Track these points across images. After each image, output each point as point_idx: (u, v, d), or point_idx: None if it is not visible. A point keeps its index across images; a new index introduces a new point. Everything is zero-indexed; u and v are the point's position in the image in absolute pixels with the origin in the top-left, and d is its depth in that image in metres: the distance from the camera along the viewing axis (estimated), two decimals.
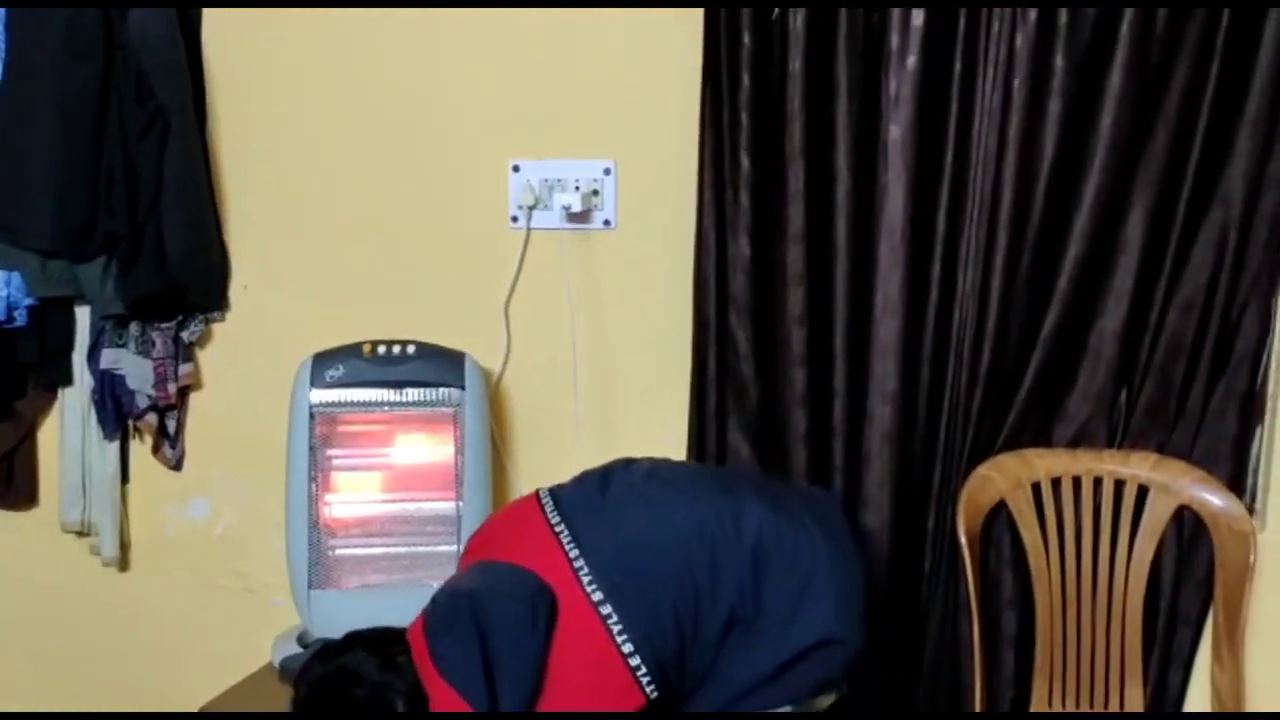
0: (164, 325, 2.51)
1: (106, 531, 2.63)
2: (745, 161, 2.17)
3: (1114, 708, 2.17)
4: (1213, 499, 2.09)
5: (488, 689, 1.66)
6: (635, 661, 1.71)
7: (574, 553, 1.76)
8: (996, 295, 2.11)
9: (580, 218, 2.33)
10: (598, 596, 1.73)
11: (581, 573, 1.74)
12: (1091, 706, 2.17)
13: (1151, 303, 2.09)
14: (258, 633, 2.43)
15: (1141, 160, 2.03)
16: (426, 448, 2.33)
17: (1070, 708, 2.18)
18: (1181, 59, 1.99)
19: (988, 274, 2.11)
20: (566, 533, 1.79)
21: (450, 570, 2.27)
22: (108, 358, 2.51)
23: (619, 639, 1.71)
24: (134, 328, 2.50)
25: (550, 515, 1.83)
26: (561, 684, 1.70)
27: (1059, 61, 2.02)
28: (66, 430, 2.62)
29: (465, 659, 1.68)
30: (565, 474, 1.99)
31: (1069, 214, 2.06)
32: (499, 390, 2.44)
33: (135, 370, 2.51)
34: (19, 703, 2.82)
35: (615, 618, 1.72)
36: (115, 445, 2.60)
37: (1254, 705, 2.10)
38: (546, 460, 2.34)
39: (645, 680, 1.71)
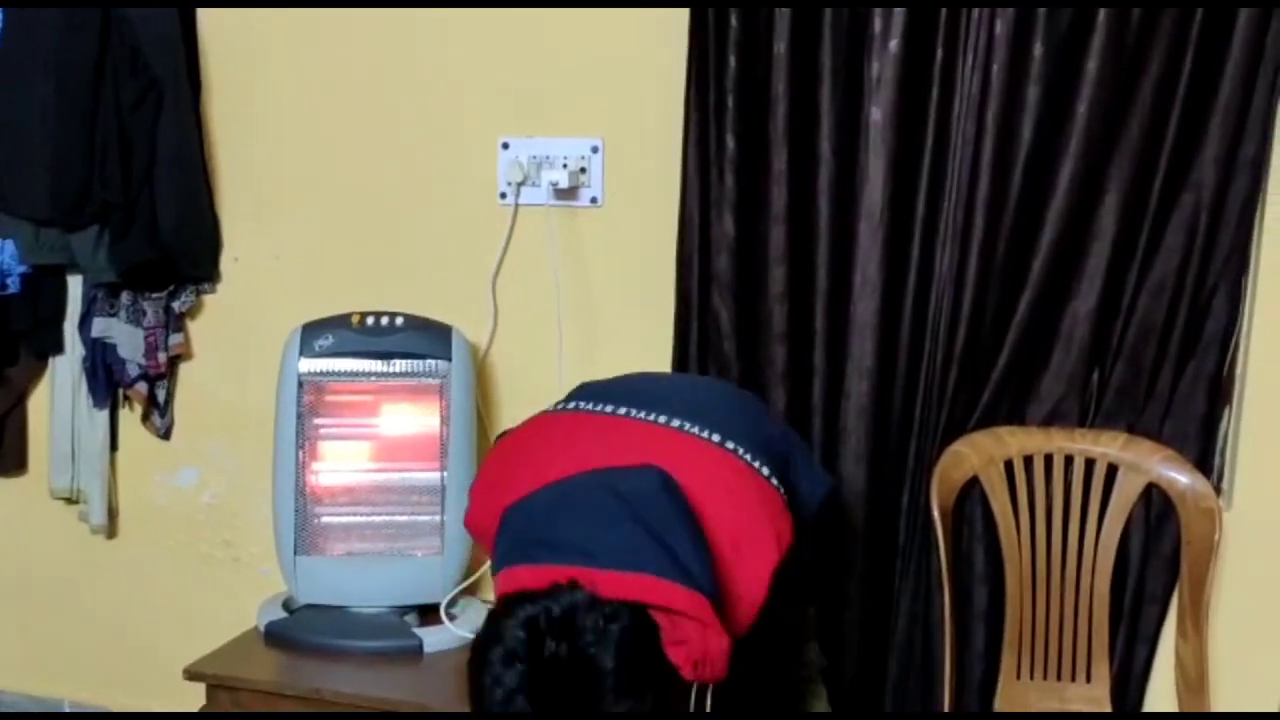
0: (155, 295, 2.54)
1: (95, 499, 2.67)
2: (730, 142, 2.21)
3: (1081, 682, 2.21)
4: (1180, 478, 2.13)
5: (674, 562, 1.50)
6: (774, 482, 1.72)
7: (662, 419, 1.73)
8: (973, 276, 2.14)
9: (568, 195, 2.37)
10: (716, 438, 1.71)
11: (685, 428, 1.71)
12: (1059, 680, 2.22)
13: (1124, 285, 2.13)
14: (244, 600, 2.46)
15: (1116, 145, 2.07)
16: (413, 418, 2.36)
17: (1039, 681, 2.22)
18: (1157, 46, 2.03)
19: (965, 255, 2.15)
20: (637, 410, 1.74)
21: (434, 540, 2.31)
22: (99, 326, 2.54)
23: (754, 464, 1.71)
24: (125, 297, 2.53)
25: (602, 408, 1.78)
26: (738, 533, 1.62)
27: (1037, 48, 2.06)
28: (57, 398, 2.65)
29: (636, 544, 1.51)
30: None
31: (1045, 197, 2.10)
32: (485, 363, 2.47)
33: (126, 339, 2.54)
34: (6, 668, 2.86)
35: (731, 444, 1.71)
36: (105, 413, 2.64)
37: (1217, 680, 2.14)
38: None
39: (782, 492, 1.72)
